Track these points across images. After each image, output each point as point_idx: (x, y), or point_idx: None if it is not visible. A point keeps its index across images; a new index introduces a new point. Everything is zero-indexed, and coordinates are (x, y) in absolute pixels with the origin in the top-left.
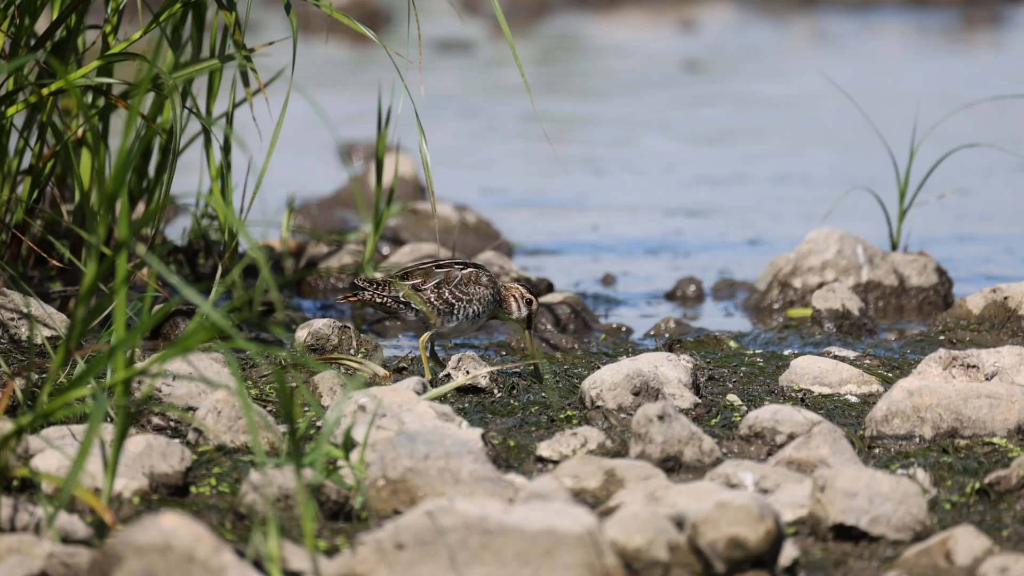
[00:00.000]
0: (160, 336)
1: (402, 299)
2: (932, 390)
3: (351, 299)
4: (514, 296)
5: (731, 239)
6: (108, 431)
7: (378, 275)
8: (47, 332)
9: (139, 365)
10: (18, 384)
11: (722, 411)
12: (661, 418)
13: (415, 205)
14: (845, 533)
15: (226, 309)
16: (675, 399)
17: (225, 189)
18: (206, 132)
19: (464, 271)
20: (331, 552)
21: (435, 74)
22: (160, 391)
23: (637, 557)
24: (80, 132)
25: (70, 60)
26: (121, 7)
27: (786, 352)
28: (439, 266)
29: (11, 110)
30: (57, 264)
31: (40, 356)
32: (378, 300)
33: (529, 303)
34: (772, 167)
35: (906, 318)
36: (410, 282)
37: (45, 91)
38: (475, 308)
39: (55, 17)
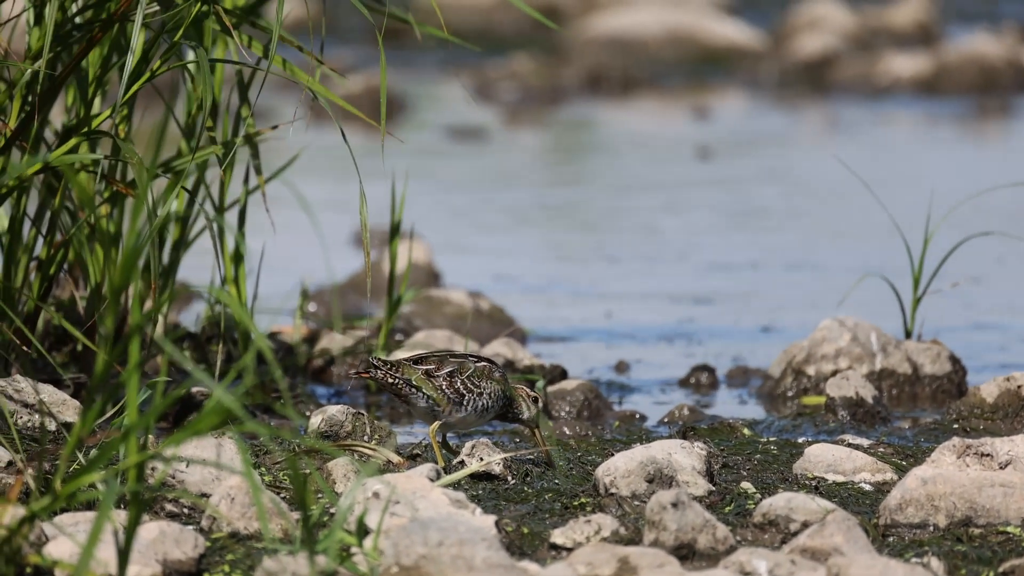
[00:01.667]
0: (179, 423)
1: (412, 383)
2: (946, 479)
3: (364, 376)
4: (522, 396)
5: (744, 326)
6: (122, 517)
7: (393, 357)
8: (62, 418)
9: (151, 450)
10: (31, 470)
11: (736, 499)
12: (675, 505)
13: (429, 292)
14: None
15: (238, 393)
16: (689, 486)
17: (239, 279)
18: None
19: (478, 364)
20: None
21: (449, 161)
22: (173, 476)
23: None
24: (92, 219)
25: (79, 147)
26: (129, 96)
27: (800, 440)
28: (453, 356)
29: (11, 180)
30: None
31: (53, 443)
32: (389, 381)
33: (535, 401)
34: (785, 254)
35: (920, 406)
36: (423, 367)
37: (37, 166)
38: (484, 402)
39: (68, 103)
